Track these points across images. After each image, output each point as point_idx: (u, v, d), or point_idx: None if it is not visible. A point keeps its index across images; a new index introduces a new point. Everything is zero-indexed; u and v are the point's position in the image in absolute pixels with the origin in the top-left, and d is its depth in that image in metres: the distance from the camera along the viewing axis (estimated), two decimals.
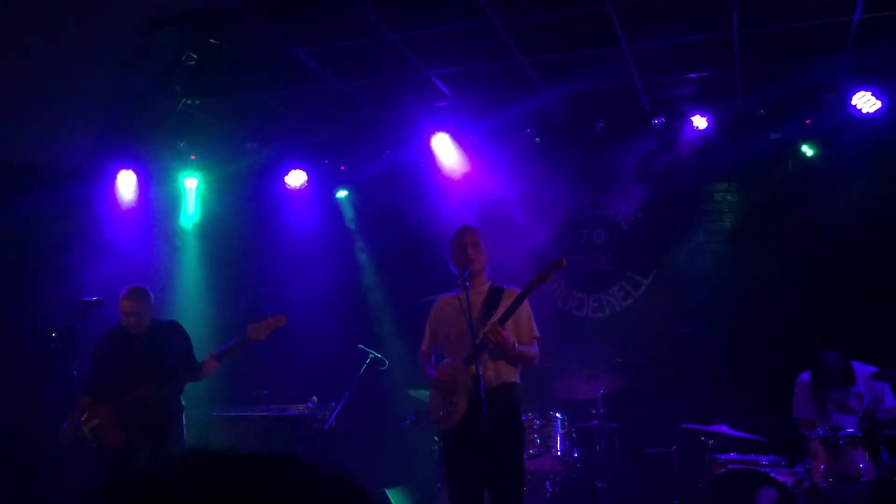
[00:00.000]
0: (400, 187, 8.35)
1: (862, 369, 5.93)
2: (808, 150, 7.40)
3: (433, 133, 7.83)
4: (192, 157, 8.21)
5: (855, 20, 5.91)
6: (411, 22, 5.87)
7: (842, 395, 5.97)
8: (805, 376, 6.25)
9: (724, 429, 6.04)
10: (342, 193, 8.79)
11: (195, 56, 5.59)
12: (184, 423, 5.69)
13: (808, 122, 7.24)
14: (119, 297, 5.69)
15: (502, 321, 4.61)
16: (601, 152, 7.85)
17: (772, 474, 5.60)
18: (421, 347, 5.12)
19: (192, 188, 8.48)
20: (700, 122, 7.35)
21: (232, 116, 7.64)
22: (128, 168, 7.96)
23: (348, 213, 8.81)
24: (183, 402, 5.73)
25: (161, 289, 6.34)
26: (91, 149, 7.18)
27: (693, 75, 7.04)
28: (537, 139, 7.89)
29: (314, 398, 7.16)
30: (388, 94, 7.23)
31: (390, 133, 8.01)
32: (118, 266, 7.41)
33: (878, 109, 6.87)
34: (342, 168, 8.59)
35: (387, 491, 6.68)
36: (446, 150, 7.94)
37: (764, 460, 5.82)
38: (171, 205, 8.43)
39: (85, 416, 5.48)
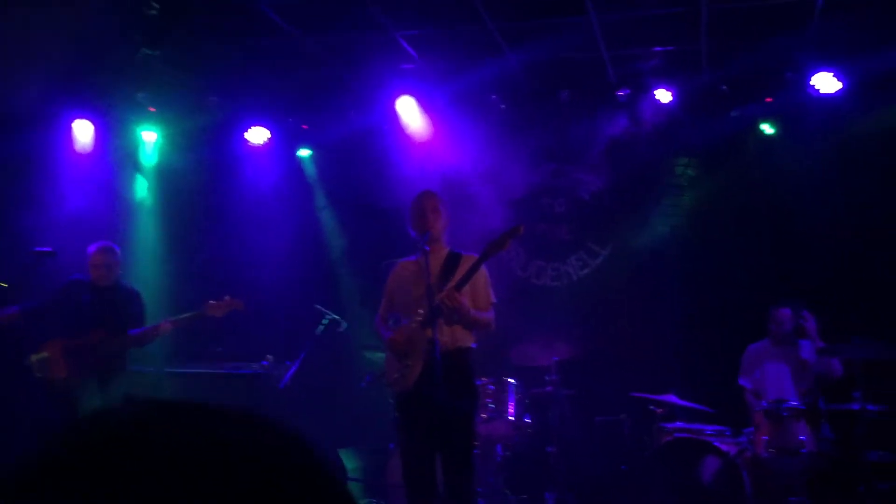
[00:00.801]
0: (363, 149, 8.28)
1: (807, 345, 6.10)
2: (768, 129, 7.50)
3: (398, 96, 7.77)
4: (152, 108, 8.04)
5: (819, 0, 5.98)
6: None
7: (789, 365, 6.16)
8: (755, 346, 6.42)
9: (673, 398, 6.17)
10: (304, 152, 8.70)
11: (157, 5, 5.45)
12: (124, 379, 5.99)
13: (769, 100, 7.34)
14: (90, 252, 5.91)
15: (459, 287, 4.63)
16: (565, 122, 7.87)
17: (716, 443, 5.76)
18: (378, 311, 5.13)
19: (150, 141, 8.31)
20: (664, 95, 7.39)
21: (193, 69, 7.48)
22: (84, 117, 7.77)
23: (310, 172, 8.73)
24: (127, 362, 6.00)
25: (116, 242, 6.26)
26: (46, 95, 6.98)
27: (659, 49, 7.06)
28: (502, 106, 7.88)
29: (270, 357, 7.14)
30: (354, 53, 7.14)
31: (355, 94, 7.93)
32: (72, 217, 7.27)
33: (838, 90, 6.98)
34: (304, 127, 8.50)
35: (340, 451, 6.72)
36: (411, 114, 7.89)
37: (709, 430, 5.97)
38: (129, 157, 8.26)
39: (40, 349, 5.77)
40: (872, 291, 6.86)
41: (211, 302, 6.00)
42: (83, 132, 7.77)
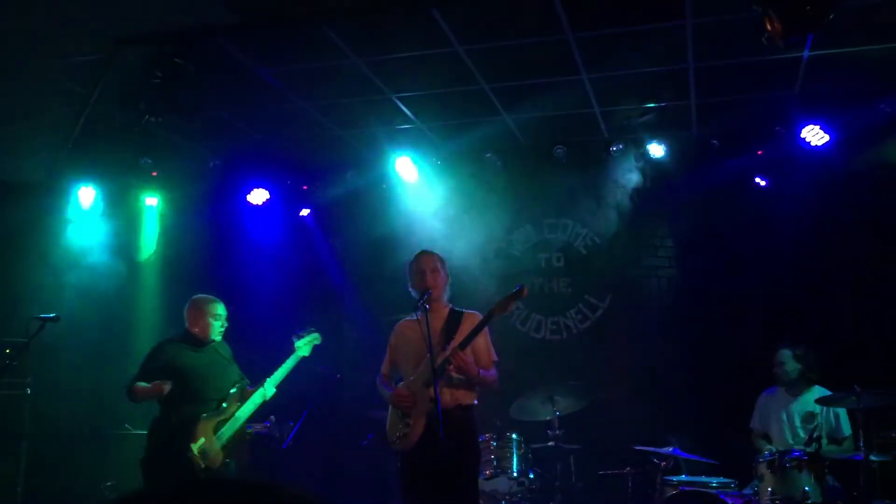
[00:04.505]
0: (363, 207, 8.41)
1: (818, 394, 6.12)
2: (759, 181, 7.61)
3: (396, 154, 7.92)
4: (154, 173, 8.18)
5: (805, 56, 6.14)
6: (376, 46, 5.95)
7: (796, 413, 6.19)
8: (768, 391, 6.47)
9: (677, 451, 6.15)
10: (305, 212, 8.81)
11: (160, 75, 5.60)
12: None
13: (759, 153, 7.47)
14: (202, 303, 5.53)
15: (462, 346, 4.67)
16: (561, 177, 7.99)
17: (721, 496, 5.72)
18: (381, 369, 5.17)
19: (152, 205, 8.44)
20: (657, 150, 7.55)
21: (195, 134, 7.64)
22: (88, 184, 7.91)
23: (311, 232, 8.83)
24: None
25: (119, 305, 6.32)
26: (51, 163, 7.12)
27: (650, 105, 7.22)
28: (498, 163, 8.02)
29: (272, 417, 7.12)
30: (351, 115, 7.29)
31: (353, 154, 8.08)
32: (75, 283, 7.34)
33: (826, 143, 7.12)
34: (304, 188, 8.63)
35: None
36: (408, 172, 8.03)
37: (714, 482, 5.94)
38: (132, 222, 8.37)
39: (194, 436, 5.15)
40: (869, 339, 6.89)
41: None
42: (87, 200, 7.91)
